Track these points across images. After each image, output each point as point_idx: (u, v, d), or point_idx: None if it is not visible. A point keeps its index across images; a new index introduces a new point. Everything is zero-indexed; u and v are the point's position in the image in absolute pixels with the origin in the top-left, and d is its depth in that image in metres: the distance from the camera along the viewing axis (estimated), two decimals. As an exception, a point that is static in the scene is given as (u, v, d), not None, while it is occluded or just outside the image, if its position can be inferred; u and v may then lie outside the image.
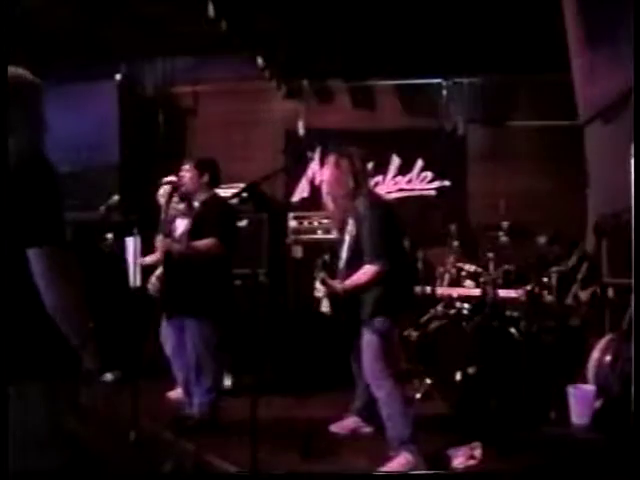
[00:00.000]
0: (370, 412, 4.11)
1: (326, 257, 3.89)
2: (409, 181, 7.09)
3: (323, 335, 5.26)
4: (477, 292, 5.24)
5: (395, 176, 7.12)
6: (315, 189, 7.09)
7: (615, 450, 3.22)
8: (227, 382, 5.20)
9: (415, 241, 5.85)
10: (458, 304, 5.30)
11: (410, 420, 3.69)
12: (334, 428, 4.37)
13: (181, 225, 4.51)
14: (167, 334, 4.65)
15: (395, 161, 7.10)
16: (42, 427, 1.91)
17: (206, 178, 4.48)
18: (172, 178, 4.62)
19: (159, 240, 4.43)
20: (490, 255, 5.31)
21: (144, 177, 6.45)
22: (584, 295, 4.69)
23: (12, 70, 2.07)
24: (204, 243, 4.30)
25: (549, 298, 4.91)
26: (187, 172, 4.48)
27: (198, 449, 3.76)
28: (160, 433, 4.14)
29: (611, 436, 3.29)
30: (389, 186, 7.05)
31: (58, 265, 1.92)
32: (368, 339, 3.72)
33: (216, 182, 4.57)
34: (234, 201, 4.39)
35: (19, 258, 1.90)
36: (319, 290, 3.82)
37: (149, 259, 4.63)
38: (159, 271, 4.50)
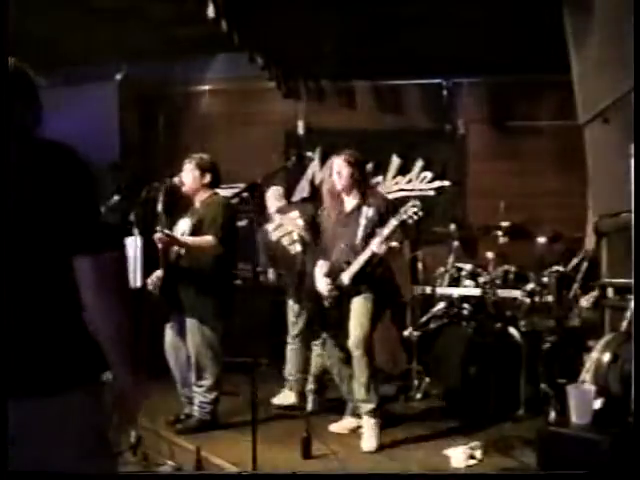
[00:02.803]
0: None
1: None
2: (409, 181, 7.09)
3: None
4: (477, 292, 5.24)
5: (395, 176, 7.12)
6: (315, 189, 7.09)
7: (615, 450, 3.22)
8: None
9: (415, 241, 5.86)
10: (458, 304, 5.31)
11: (377, 393, 4.11)
12: (334, 428, 4.38)
13: (182, 225, 4.51)
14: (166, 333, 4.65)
15: (395, 161, 7.10)
16: (90, 434, 1.83)
17: (207, 178, 4.48)
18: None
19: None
20: (490, 255, 5.31)
21: (144, 177, 6.45)
22: (585, 302, 4.70)
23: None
24: (200, 239, 4.31)
25: (549, 298, 4.91)
26: (189, 172, 4.49)
27: (198, 449, 3.76)
28: (160, 433, 4.14)
29: (611, 436, 3.29)
30: (389, 186, 7.05)
31: (113, 273, 1.81)
32: (364, 301, 4.08)
33: (217, 182, 4.58)
34: (234, 201, 4.41)
35: (54, 264, 1.78)
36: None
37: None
38: (160, 270, 4.50)
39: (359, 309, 4.11)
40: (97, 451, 1.81)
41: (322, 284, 4.24)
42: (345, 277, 4.13)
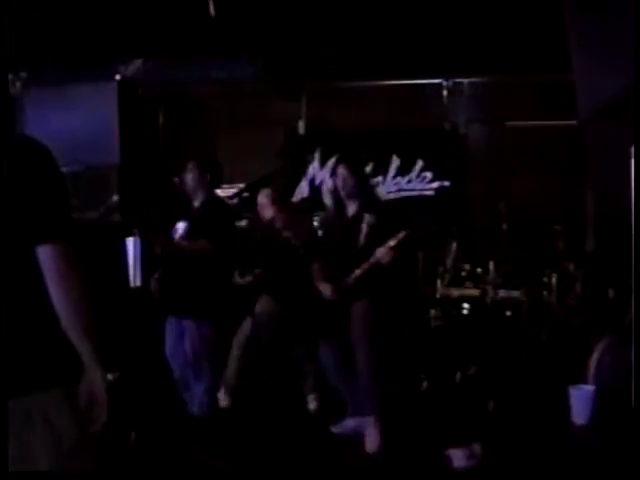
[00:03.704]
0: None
1: None
2: (409, 181, 7.09)
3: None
4: (477, 292, 5.24)
5: (395, 176, 7.12)
6: (315, 189, 7.09)
7: (615, 450, 3.22)
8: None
9: (415, 241, 5.85)
10: (458, 304, 5.31)
11: (380, 393, 4.11)
12: (334, 428, 4.38)
13: (181, 227, 4.49)
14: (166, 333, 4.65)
15: (395, 161, 7.11)
16: (70, 433, 1.84)
17: (208, 178, 4.48)
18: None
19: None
20: (490, 255, 5.31)
21: (144, 177, 6.45)
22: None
23: None
24: (194, 244, 4.30)
25: (549, 298, 4.92)
26: (190, 171, 4.48)
27: (198, 449, 3.77)
28: (160, 433, 4.14)
29: (611, 436, 3.29)
30: (389, 186, 7.05)
31: (74, 261, 1.81)
32: (364, 302, 4.08)
33: (217, 183, 4.58)
34: (234, 201, 4.41)
35: (23, 257, 1.79)
36: None
37: None
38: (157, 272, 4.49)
39: (359, 310, 4.12)
40: (75, 454, 1.81)
41: (324, 288, 4.24)
42: (347, 282, 4.15)
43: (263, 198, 5.18)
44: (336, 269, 4.23)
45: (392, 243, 4.01)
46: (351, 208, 4.31)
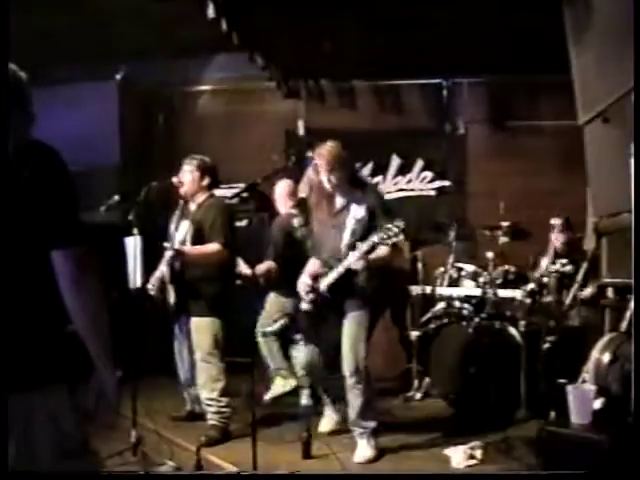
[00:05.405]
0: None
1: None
2: (409, 181, 7.08)
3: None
4: (477, 292, 5.24)
5: (395, 176, 7.11)
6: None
7: (615, 450, 3.22)
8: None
9: (415, 241, 5.86)
10: (458, 304, 5.31)
11: (375, 413, 4.00)
12: (322, 428, 4.38)
13: (182, 231, 4.47)
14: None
15: (395, 161, 7.10)
16: (74, 430, 1.85)
17: (206, 180, 4.48)
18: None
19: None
20: (490, 255, 5.31)
21: (144, 177, 6.44)
22: (587, 292, 4.74)
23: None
24: (206, 248, 4.29)
25: (549, 298, 4.91)
26: (188, 173, 4.48)
27: (198, 449, 3.76)
28: (160, 433, 4.14)
29: (611, 436, 3.29)
30: (389, 186, 7.05)
31: (87, 266, 1.86)
32: (358, 323, 3.92)
33: (215, 184, 4.57)
34: (234, 201, 4.41)
35: (34, 260, 1.82)
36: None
37: None
38: (159, 271, 4.49)
39: (353, 332, 3.92)
40: (78, 451, 1.83)
41: (301, 285, 4.06)
42: (322, 285, 3.96)
43: (284, 188, 5.21)
44: (319, 269, 4.05)
45: (364, 247, 3.74)
46: (338, 200, 4.07)
